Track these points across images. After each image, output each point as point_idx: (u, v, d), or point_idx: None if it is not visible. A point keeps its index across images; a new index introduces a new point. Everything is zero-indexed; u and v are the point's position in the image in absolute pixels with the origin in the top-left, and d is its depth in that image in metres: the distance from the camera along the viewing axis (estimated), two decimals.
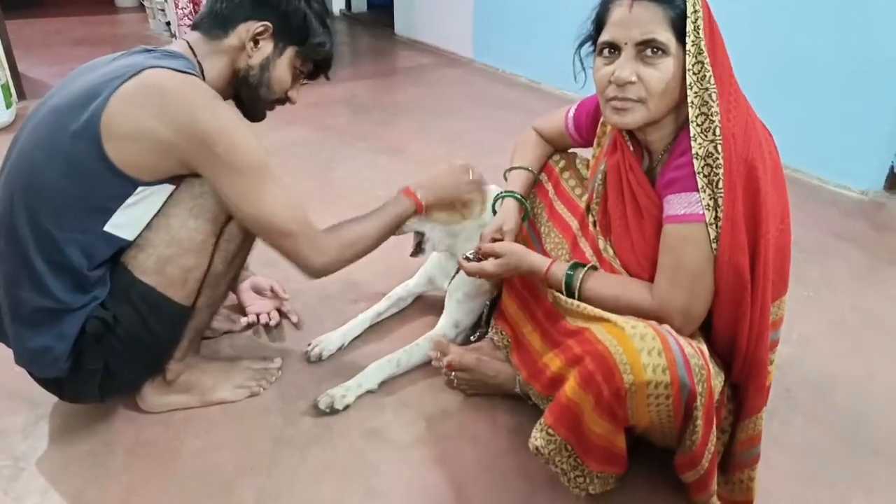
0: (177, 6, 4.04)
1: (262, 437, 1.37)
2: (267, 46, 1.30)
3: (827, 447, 1.40)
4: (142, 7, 5.83)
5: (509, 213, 1.43)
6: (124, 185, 1.15)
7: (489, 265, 1.33)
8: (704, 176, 1.05)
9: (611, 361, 0.99)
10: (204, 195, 1.21)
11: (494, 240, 1.37)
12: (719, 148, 1.04)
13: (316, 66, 1.40)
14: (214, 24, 1.28)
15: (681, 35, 1.05)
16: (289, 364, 1.58)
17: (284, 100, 1.40)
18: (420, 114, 3.68)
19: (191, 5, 4.05)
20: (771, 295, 1.10)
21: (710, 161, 1.04)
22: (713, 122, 1.04)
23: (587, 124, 1.43)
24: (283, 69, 1.34)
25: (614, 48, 1.10)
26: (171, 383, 1.40)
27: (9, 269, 1.17)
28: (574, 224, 1.40)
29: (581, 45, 1.20)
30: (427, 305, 1.83)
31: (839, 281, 2.06)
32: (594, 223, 1.34)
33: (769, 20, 2.79)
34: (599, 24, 1.14)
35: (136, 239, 1.20)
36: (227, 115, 1.15)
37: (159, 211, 1.21)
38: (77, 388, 1.27)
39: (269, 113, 1.43)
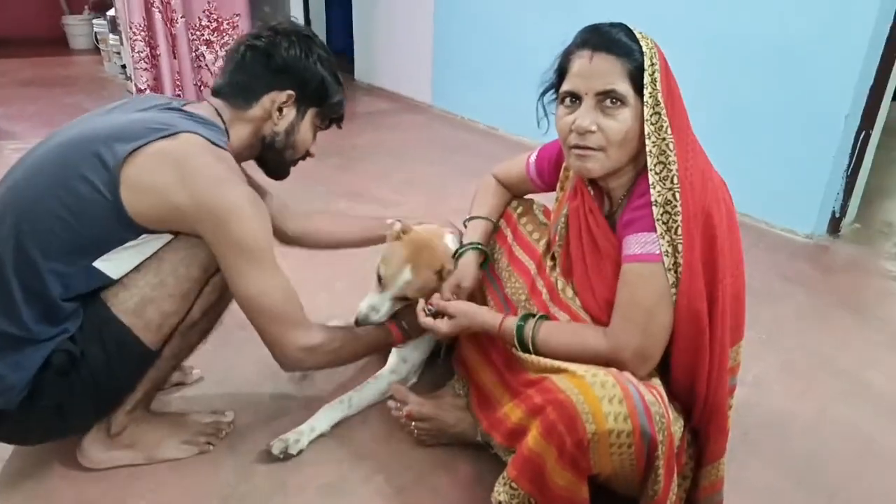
0: (133, 49, 3.98)
1: (213, 495, 1.31)
2: (290, 113, 1.36)
3: (784, 490, 1.41)
4: (97, 50, 5.75)
5: (468, 267, 1.43)
6: (128, 231, 1.16)
7: (442, 325, 1.32)
8: (664, 223, 1.07)
9: (572, 411, 0.98)
10: (200, 245, 1.21)
11: (454, 294, 1.38)
12: (677, 196, 1.06)
13: (330, 120, 1.47)
14: (236, 94, 1.33)
15: (639, 87, 1.09)
16: (241, 417, 1.52)
17: (306, 156, 1.46)
18: (379, 158, 3.69)
19: (147, 49, 4.01)
20: (729, 340, 1.12)
21: (668, 208, 1.07)
22: (671, 170, 1.07)
23: (549, 169, 1.45)
24: (306, 130, 1.41)
25: (575, 97, 1.13)
26: (115, 437, 1.32)
27: None
28: (532, 267, 1.41)
29: (544, 93, 1.24)
30: None
31: (789, 323, 2.11)
32: (553, 266, 1.35)
33: (714, 72, 2.91)
34: (561, 73, 1.17)
35: (121, 278, 1.19)
36: (247, 196, 1.18)
37: (152, 254, 1.21)
38: (18, 425, 1.20)
39: None
